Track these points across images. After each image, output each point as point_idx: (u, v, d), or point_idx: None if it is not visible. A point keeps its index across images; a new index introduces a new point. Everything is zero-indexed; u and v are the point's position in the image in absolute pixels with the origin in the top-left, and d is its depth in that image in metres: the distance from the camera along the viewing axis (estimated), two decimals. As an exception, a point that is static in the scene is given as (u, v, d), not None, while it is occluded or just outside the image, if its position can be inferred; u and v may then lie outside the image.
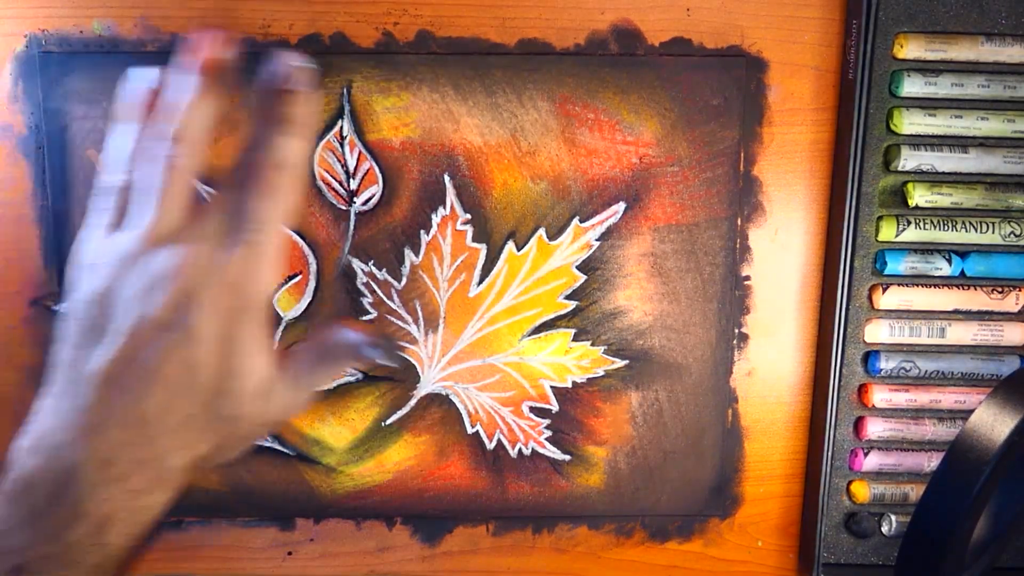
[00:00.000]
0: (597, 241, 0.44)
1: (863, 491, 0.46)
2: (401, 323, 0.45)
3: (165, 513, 0.34)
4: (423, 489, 0.47)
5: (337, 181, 0.43)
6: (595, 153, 0.43)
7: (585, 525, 0.48)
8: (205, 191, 0.40)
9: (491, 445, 0.46)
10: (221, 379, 0.33)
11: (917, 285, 0.44)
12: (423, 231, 0.44)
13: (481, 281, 0.44)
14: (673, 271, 0.45)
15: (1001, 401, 0.33)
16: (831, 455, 0.45)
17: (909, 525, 0.35)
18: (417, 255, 0.44)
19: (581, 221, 0.44)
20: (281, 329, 0.44)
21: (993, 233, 0.43)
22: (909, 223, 0.43)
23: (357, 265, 0.44)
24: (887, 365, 0.44)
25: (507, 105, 0.43)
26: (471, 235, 0.44)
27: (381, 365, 0.39)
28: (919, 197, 0.43)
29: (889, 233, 0.43)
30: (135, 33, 0.41)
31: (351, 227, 0.44)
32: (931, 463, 0.45)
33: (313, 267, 0.44)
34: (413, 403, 0.46)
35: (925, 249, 0.44)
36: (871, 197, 0.43)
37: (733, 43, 0.43)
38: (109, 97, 0.41)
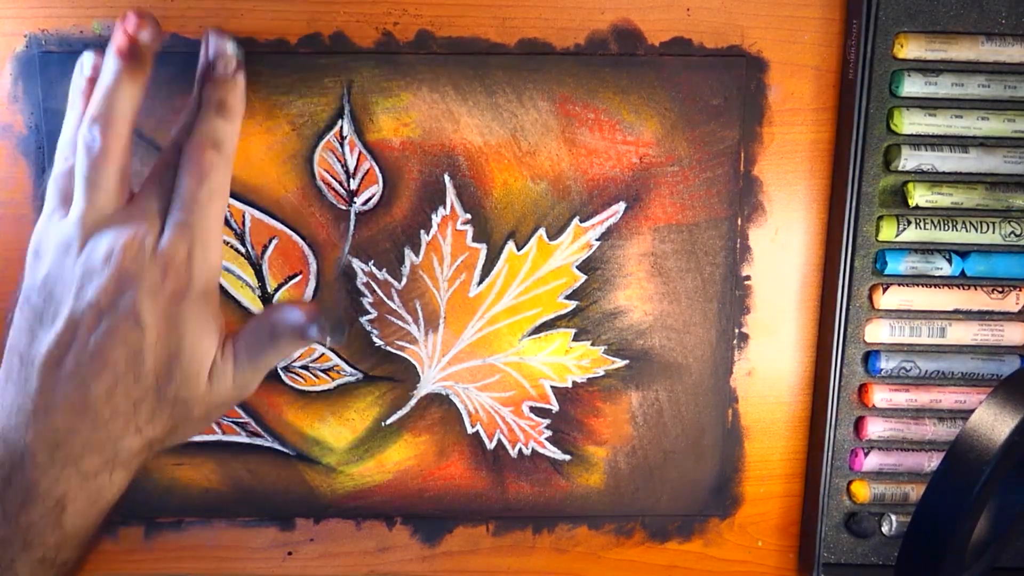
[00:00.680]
0: (597, 241, 0.44)
1: (863, 491, 0.46)
2: (401, 323, 0.45)
3: (123, 493, 0.34)
4: (423, 489, 0.47)
5: (337, 181, 0.43)
6: (595, 153, 0.43)
7: (585, 525, 0.48)
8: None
9: (491, 445, 0.46)
10: (167, 362, 0.33)
11: (917, 285, 0.44)
12: (423, 231, 0.44)
13: (481, 281, 0.44)
14: (673, 271, 0.45)
15: (1001, 401, 0.33)
16: (831, 455, 0.45)
17: (909, 525, 0.35)
18: (417, 255, 0.44)
19: (581, 221, 0.44)
20: (281, 329, 0.44)
21: (993, 233, 0.43)
22: (909, 223, 0.43)
23: (357, 265, 0.44)
24: (887, 365, 0.44)
25: (507, 105, 0.43)
26: (471, 235, 0.44)
27: (330, 342, 0.38)
28: (919, 197, 0.43)
29: (889, 233, 0.43)
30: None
31: (351, 227, 0.44)
32: (931, 463, 0.45)
33: (313, 267, 0.44)
34: (413, 403, 0.46)
35: (925, 249, 0.44)
36: (871, 197, 0.43)
37: (733, 43, 0.43)
38: (109, 97, 0.41)
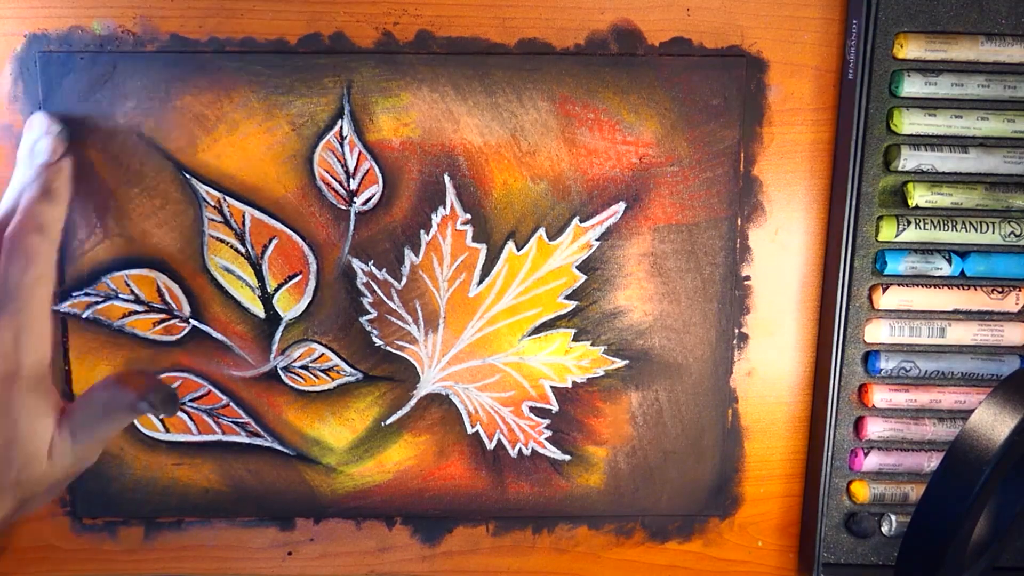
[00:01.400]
0: (597, 241, 0.44)
1: (863, 491, 0.46)
2: (401, 323, 0.45)
3: None
4: (423, 489, 0.47)
5: (337, 181, 0.43)
6: (595, 153, 0.43)
7: (585, 525, 0.48)
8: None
9: (491, 445, 0.46)
10: (4, 447, 0.33)
11: (917, 285, 0.44)
12: (423, 231, 0.44)
13: (481, 281, 0.44)
14: (673, 271, 0.45)
15: (1001, 401, 0.33)
16: (831, 455, 0.45)
17: (909, 525, 0.35)
18: (417, 255, 0.44)
19: (581, 221, 0.44)
20: (281, 329, 0.44)
21: (993, 233, 0.43)
22: (909, 223, 0.43)
23: (357, 265, 0.44)
24: (887, 365, 0.44)
25: (507, 105, 0.43)
26: (471, 235, 0.44)
27: (160, 415, 0.39)
28: (919, 197, 0.43)
29: (889, 233, 0.43)
30: (135, 33, 0.41)
31: (351, 227, 0.44)
32: (931, 463, 0.45)
33: (313, 267, 0.44)
34: (413, 403, 0.46)
35: (925, 249, 0.44)
36: (871, 197, 0.43)
37: (733, 43, 0.43)
38: (109, 97, 0.41)
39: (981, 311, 0.44)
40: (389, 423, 0.46)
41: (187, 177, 0.42)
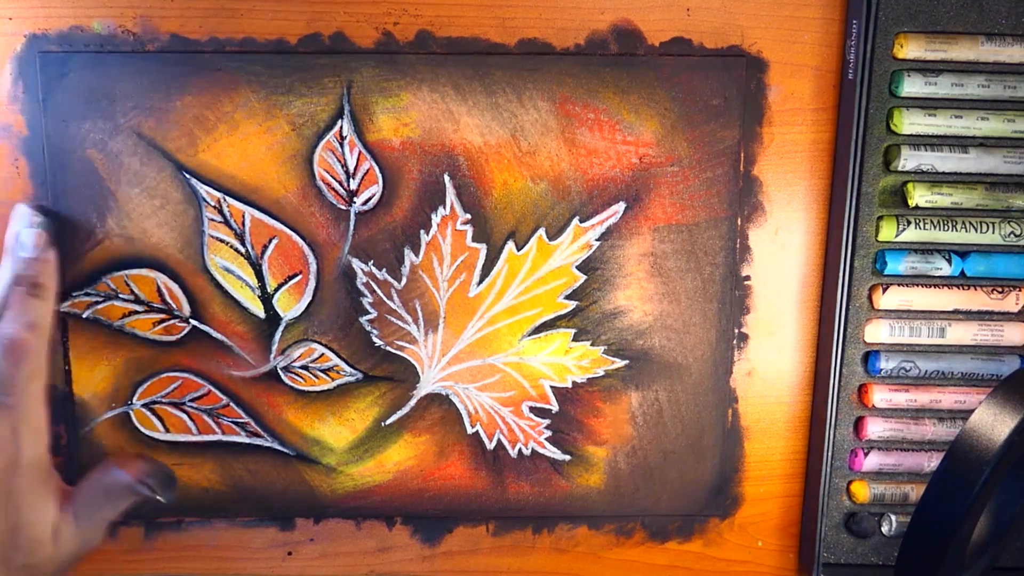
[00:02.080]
0: (597, 241, 0.44)
1: (863, 491, 0.46)
2: (401, 323, 0.45)
3: None
4: (423, 489, 0.47)
5: (337, 181, 0.43)
6: (595, 153, 0.43)
7: (585, 525, 0.48)
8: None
9: (491, 445, 0.46)
10: (9, 534, 0.35)
11: (917, 285, 0.44)
12: (423, 231, 0.44)
13: (481, 281, 0.44)
14: (673, 271, 0.45)
15: (1001, 401, 0.33)
16: (831, 455, 0.45)
17: (909, 525, 0.35)
18: (417, 255, 0.44)
19: (581, 221, 0.44)
20: (281, 329, 0.44)
21: (993, 233, 0.43)
22: (909, 223, 0.43)
23: (357, 265, 0.44)
24: (887, 365, 0.44)
25: (507, 105, 0.43)
26: (471, 235, 0.44)
27: (160, 498, 0.41)
28: (919, 197, 0.43)
29: (889, 233, 0.43)
30: (135, 33, 0.41)
31: (351, 227, 0.44)
32: (931, 463, 0.45)
33: (313, 267, 0.44)
34: (413, 403, 0.46)
35: (925, 249, 0.44)
36: (871, 197, 0.43)
37: (733, 43, 0.43)
38: (109, 97, 0.41)
39: (981, 311, 0.44)
40: (389, 423, 0.46)
41: (187, 177, 0.42)
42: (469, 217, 0.44)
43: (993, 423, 0.33)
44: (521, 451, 0.46)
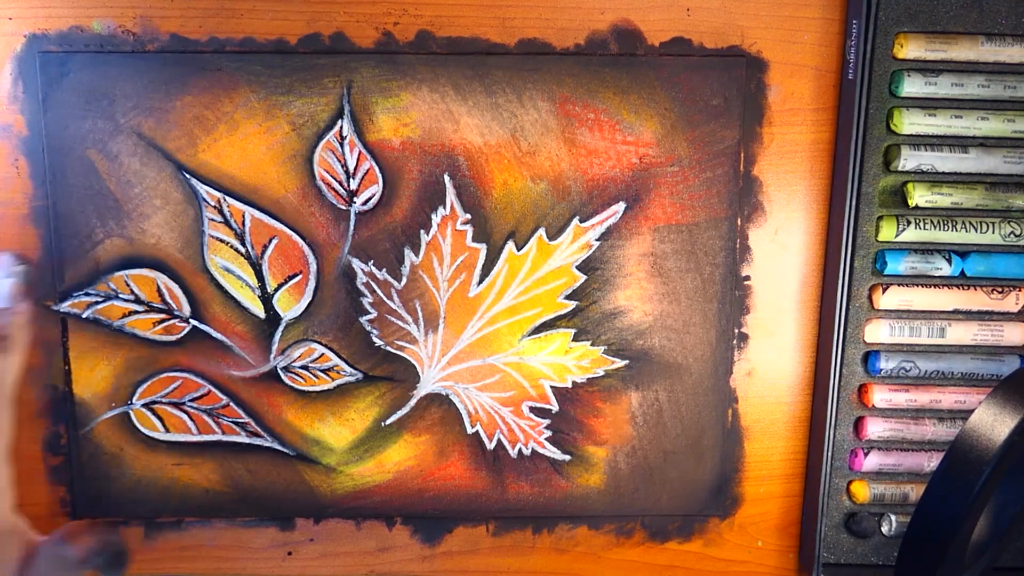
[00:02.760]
0: (597, 241, 0.44)
1: (863, 491, 0.46)
2: (401, 323, 0.45)
3: None
4: (423, 489, 0.47)
5: (337, 181, 0.43)
6: (595, 153, 0.43)
7: (585, 525, 0.48)
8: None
9: (491, 445, 0.46)
10: None
11: (917, 285, 0.44)
12: (423, 231, 0.44)
13: (481, 281, 0.44)
14: (673, 271, 0.45)
15: (1001, 401, 0.33)
16: (831, 455, 0.45)
17: (909, 525, 0.35)
18: (417, 255, 0.44)
19: (581, 221, 0.44)
20: (281, 329, 0.44)
21: (993, 233, 0.43)
22: (909, 223, 0.43)
23: (357, 265, 0.44)
24: (887, 365, 0.44)
25: (507, 105, 0.43)
26: (471, 235, 0.44)
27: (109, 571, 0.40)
28: (919, 197, 0.43)
29: (889, 233, 0.43)
30: (135, 33, 0.41)
31: (351, 227, 0.44)
32: (931, 463, 0.45)
33: (313, 267, 0.44)
34: (413, 403, 0.46)
35: (925, 249, 0.44)
36: (871, 197, 0.43)
37: (733, 43, 0.43)
38: (109, 97, 0.41)
39: (981, 311, 0.44)
40: (389, 423, 0.46)
41: (187, 177, 0.42)
42: (469, 217, 0.44)
43: (993, 423, 0.33)
44: (521, 451, 0.46)
